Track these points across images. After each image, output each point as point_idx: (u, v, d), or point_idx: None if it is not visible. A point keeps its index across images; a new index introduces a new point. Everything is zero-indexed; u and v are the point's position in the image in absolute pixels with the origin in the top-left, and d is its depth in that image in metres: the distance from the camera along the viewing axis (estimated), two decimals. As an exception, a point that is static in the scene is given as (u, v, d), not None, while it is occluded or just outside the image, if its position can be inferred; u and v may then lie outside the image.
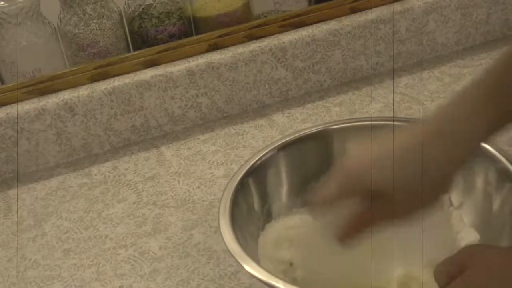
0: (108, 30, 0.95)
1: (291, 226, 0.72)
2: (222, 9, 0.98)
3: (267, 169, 0.74)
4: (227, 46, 0.97)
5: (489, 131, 0.53)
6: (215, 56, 0.96)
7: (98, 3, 0.94)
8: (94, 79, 0.94)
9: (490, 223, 0.67)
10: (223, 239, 0.64)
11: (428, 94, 0.98)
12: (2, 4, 0.91)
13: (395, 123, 0.75)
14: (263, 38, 0.98)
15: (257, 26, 0.98)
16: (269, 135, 0.95)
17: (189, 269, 0.75)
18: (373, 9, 1.01)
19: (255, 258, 0.64)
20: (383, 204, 0.54)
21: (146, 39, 0.97)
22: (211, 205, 0.84)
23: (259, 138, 0.94)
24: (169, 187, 0.88)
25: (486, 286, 0.48)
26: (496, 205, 0.67)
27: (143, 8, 0.96)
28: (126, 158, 0.95)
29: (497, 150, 0.67)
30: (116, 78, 0.94)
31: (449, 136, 0.52)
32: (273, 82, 1.00)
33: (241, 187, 0.71)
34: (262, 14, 1.03)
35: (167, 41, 0.97)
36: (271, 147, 0.75)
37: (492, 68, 0.54)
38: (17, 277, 0.78)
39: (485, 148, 0.66)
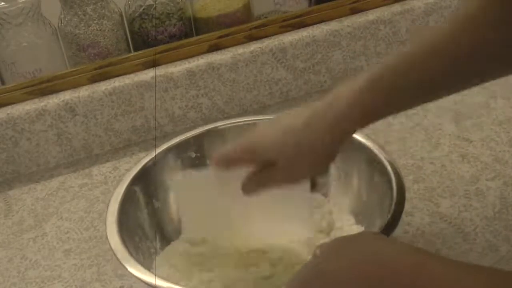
0: (108, 30, 0.95)
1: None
2: (222, 10, 0.98)
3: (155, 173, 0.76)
4: (228, 47, 0.97)
5: (366, 118, 0.61)
6: (216, 57, 0.96)
7: (98, 4, 0.94)
8: (94, 79, 0.94)
9: (364, 209, 0.72)
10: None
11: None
12: (3, 4, 0.91)
13: None
14: (263, 39, 0.98)
15: (257, 27, 0.98)
16: (270, 135, 0.95)
17: (189, 269, 0.75)
18: (373, 10, 1.01)
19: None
20: (275, 171, 0.63)
21: (146, 40, 0.97)
22: (212, 205, 0.83)
23: (259, 139, 0.94)
24: (169, 187, 0.88)
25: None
26: (368, 191, 0.73)
27: (143, 9, 0.96)
28: (126, 159, 0.95)
29: (366, 139, 0.73)
30: (117, 78, 0.95)
31: (333, 119, 0.60)
32: (273, 82, 1.00)
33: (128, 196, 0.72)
34: (263, 15, 1.03)
35: (168, 42, 0.97)
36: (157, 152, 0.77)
37: (383, 65, 0.61)
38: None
39: (357, 139, 0.73)
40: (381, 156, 0.70)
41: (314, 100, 0.98)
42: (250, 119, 0.82)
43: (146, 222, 0.74)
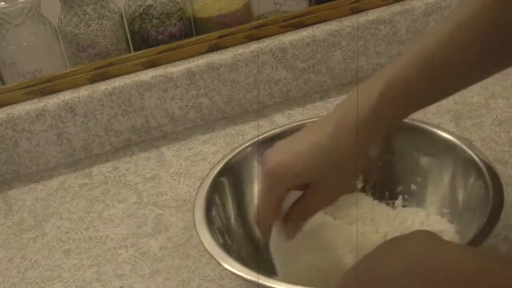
0: (108, 30, 0.95)
1: None
2: (222, 10, 0.98)
3: (242, 166, 0.75)
4: (228, 47, 0.97)
5: (391, 123, 0.60)
6: (216, 57, 0.96)
7: (98, 4, 0.94)
8: (94, 79, 0.94)
9: (460, 213, 0.70)
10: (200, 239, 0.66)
11: (428, 95, 0.98)
12: (3, 4, 0.91)
13: None
14: (263, 39, 0.98)
15: (257, 27, 0.98)
16: (270, 135, 0.95)
17: (189, 269, 0.75)
18: (373, 10, 1.01)
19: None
20: (311, 197, 0.61)
21: (146, 40, 0.97)
22: (212, 205, 0.83)
23: (259, 139, 0.94)
24: (169, 187, 0.88)
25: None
26: (464, 194, 0.70)
27: (143, 9, 0.96)
28: (126, 159, 0.95)
29: (462, 142, 0.71)
30: (117, 78, 0.95)
31: (353, 129, 0.58)
32: (273, 82, 1.00)
33: (215, 187, 0.72)
34: (263, 15, 1.03)
35: (168, 42, 0.97)
36: (246, 145, 0.77)
37: (397, 67, 0.59)
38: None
39: (451, 141, 0.72)
40: (477, 158, 0.68)
41: (314, 100, 1.00)
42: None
43: (232, 212, 0.73)
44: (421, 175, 0.74)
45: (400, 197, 0.75)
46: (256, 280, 0.59)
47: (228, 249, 0.65)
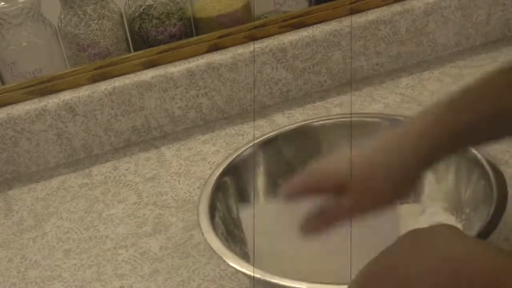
0: (108, 30, 0.95)
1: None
2: (222, 10, 0.98)
3: (245, 166, 0.76)
4: (228, 47, 0.97)
5: (453, 142, 0.59)
6: (216, 57, 0.96)
7: (98, 4, 0.94)
8: (94, 79, 0.94)
9: (463, 208, 0.70)
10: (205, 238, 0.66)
11: (428, 95, 0.98)
12: (3, 4, 0.91)
13: (373, 119, 0.80)
14: (263, 39, 0.98)
15: (257, 27, 0.98)
16: (270, 135, 0.95)
17: (189, 269, 0.75)
18: (373, 10, 1.01)
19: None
20: (351, 200, 0.58)
21: (146, 40, 0.97)
22: (212, 205, 0.84)
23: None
24: (169, 187, 0.88)
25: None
26: (467, 190, 0.70)
27: (143, 9, 0.96)
28: (126, 159, 0.95)
29: None
30: (117, 78, 0.95)
31: (416, 141, 0.58)
32: (273, 82, 1.00)
33: (219, 186, 0.72)
34: (263, 15, 1.03)
35: (168, 42, 0.97)
36: (249, 145, 0.77)
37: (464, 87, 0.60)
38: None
39: None
40: (480, 156, 0.68)
41: (314, 100, 1.00)
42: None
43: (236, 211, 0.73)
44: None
45: None
46: (259, 276, 0.60)
47: (230, 247, 0.66)
